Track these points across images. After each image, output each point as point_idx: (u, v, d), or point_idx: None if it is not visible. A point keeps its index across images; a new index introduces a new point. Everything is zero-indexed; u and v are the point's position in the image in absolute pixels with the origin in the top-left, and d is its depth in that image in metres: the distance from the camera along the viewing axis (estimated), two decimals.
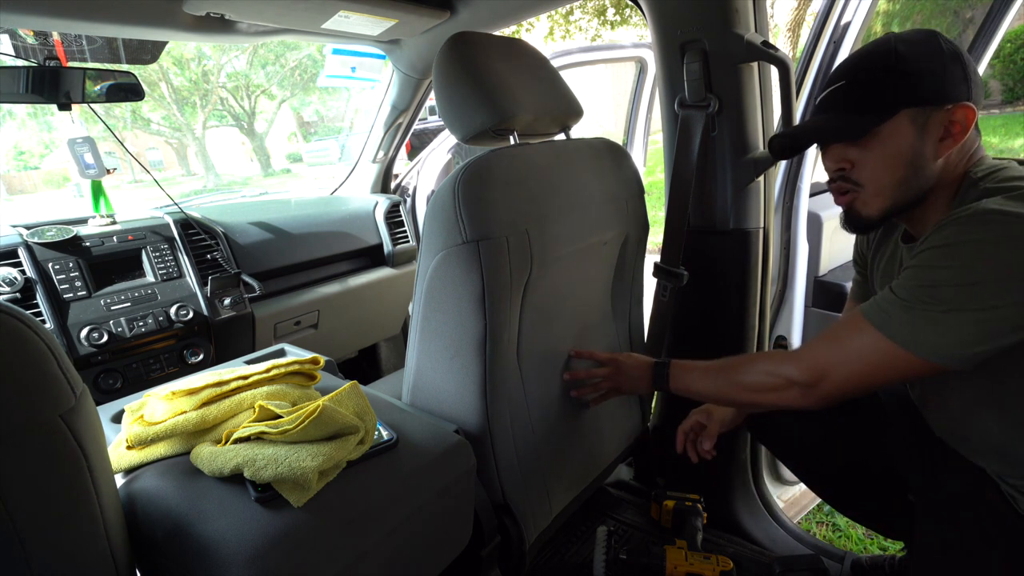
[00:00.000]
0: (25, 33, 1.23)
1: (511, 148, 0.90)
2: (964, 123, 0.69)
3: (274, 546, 0.58)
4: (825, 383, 0.74)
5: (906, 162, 0.72)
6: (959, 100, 0.69)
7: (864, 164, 0.75)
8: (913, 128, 0.70)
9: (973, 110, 0.69)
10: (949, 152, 0.71)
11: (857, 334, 0.71)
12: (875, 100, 0.71)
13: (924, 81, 0.69)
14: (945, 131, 0.70)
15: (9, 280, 1.16)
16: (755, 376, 0.82)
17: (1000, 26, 1.42)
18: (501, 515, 0.93)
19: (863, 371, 0.71)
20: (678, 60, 1.12)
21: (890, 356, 0.68)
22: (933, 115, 0.70)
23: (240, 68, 12.26)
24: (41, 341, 0.48)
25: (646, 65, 2.26)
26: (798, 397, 0.77)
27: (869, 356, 0.70)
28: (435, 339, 0.90)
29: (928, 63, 0.69)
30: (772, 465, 1.42)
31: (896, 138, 0.71)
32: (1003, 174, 0.69)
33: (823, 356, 0.75)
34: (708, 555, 1.08)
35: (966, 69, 0.69)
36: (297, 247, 1.63)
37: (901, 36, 0.72)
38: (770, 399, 0.81)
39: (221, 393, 0.74)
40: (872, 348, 0.70)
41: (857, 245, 0.98)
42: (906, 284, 0.68)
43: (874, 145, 0.73)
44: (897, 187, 0.73)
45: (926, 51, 0.69)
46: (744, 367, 0.86)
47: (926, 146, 0.71)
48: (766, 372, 0.81)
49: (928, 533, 0.82)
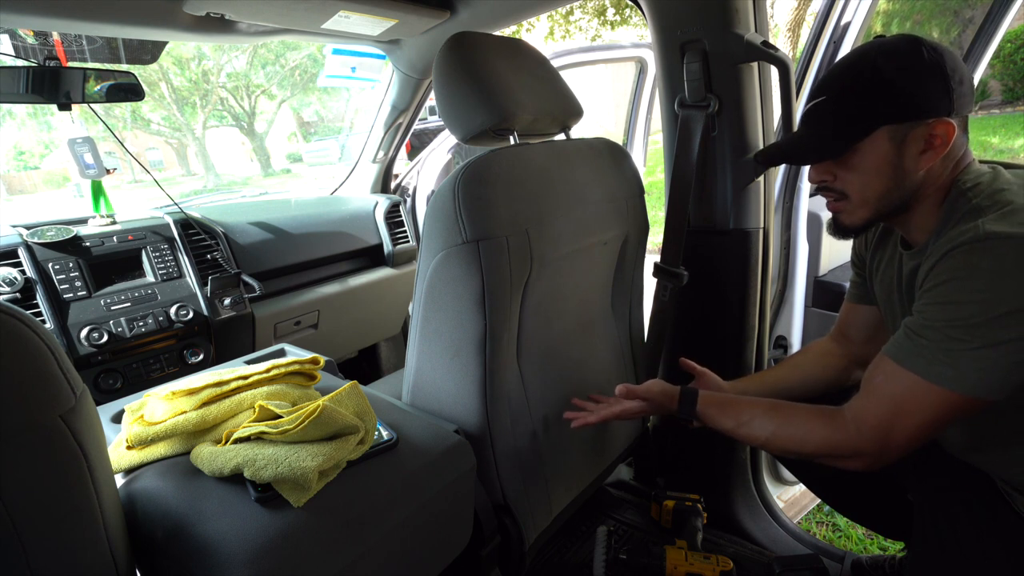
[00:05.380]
0: (25, 33, 1.23)
1: (511, 148, 0.90)
2: (944, 136, 0.69)
3: (274, 546, 0.58)
4: (891, 447, 0.71)
5: (887, 175, 0.73)
6: (938, 115, 0.68)
7: (846, 178, 0.76)
8: (892, 144, 0.71)
9: (953, 125, 0.68)
10: (931, 163, 0.71)
11: (903, 386, 0.69)
12: (853, 119, 0.72)
13: (902, 98, 0.69)
14: (926, 144, 0.70)
15: (9, 280, 1.16)
16: (813, 445, 0.77)
17: (1000, 26, 1.42)
18: (501, 515, 0.93)
19: (924, 424, 0.68)
20: (678, 60, 1.12)
21: (945, 402, 0.66)
22: (912, 130, 0.70)
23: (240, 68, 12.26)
24: (41, 341, 0.48)
25: (646, 65, 2.26)
26: (866, 465, 0.74)
27: (923, 407, 0.67)
28: (435, 339, 0.90)
29: (907, 78, 0.69)
30: (772, 465, 1.42)
31: (875, 154, 0.72)
32: (991, 186, 0.69)
33: (877, 418, 0.71)
34: (708, 555, 1.08)
35: (948, 81, 0.68)
36: (297, 247, 1.63)
37: (882, 46, 0.71)
38: (830, 464, 0.77)
39: (221, 393, 0.74)
40: (924, 399, 0.67)
41: (855, 246, 0.98)
42: (935, 324, 0.66)
43: (855, 161, 0.74)
44: (880, 199, 0.75)
45: (905, 65, 0.69)
46: (795, 431, 0.80)
47: (906, 160, 0.71)
48: (825, 440, 0.76)
49: (927, 533, 0.82)
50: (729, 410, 0.87)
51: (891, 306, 0.86)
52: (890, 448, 0.71)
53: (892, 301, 0.85)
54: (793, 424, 0.80)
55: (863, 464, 0.74)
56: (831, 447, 0.75)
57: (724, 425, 0.87)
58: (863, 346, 0.99)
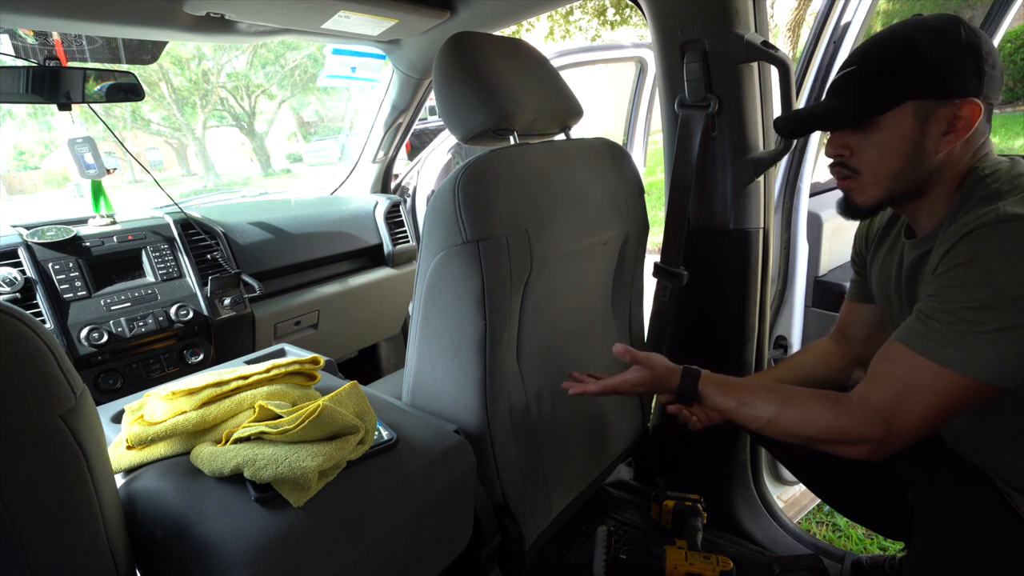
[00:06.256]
0: (25, 33, 1.23)
1: (511, 148, 0.90)
2: (969, 119, 0.67)
3: (274, 546, 0.58)
4: (897, 433, 0.68)
5: (905, 153, 0.71)
6: (967, 95, 0.66)
7: (863, 152, 0.74)
8: (916, 120, 0.69)
9: (980, 107, 0.67)
10: (952, 147, 0.70)
11: (911, 369, 0.67)
12: (881, 88, 0.70)
13: (933, 73, 0.67)
14: (949, 126, 0.68)
15: (9, 280, 1.16)
16: (816, 428, 0.75)
17: (1000, 26, 1.42)
18: (501, 515, 0.93)
19: (932, 409, 0.66)
20: (678, 60, 1.12)
21: (955, 386, 0.64)
22: (938, 109, 0.68)
23: (240, 68, 12.25)
24: (41, 341, 0.48)
25: (646, 65, 2.27)
26: (870, 453, 0.71)
27: (932, 391, 0.65)
28: (435, 339, 0.90)
29: (941, 54, 0.67)
30: (772, 465, 1.42)
31: (897, 129, 0.70)
32: (1010, 172, 0.67)
33: (883, 402, 0.69)
34: (708, 555, 1.08)
35: (982, 63, 0.66)
36: (297, 247, 1.63)
37: (922, 22, 0.69)
38: (833, 451, 0.75)
39: (221, 393, 0.74)
40: (933, 382, 0.65)
41: (856, 245, 0.98)
42: (949, 307, 0.64)
43: (874, 134, 0.72)
44: (894, 178, 0.73)
45: (943, 41, 0.67)
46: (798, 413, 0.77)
47: (927, 139, 0.70)
48: (828, 425, 0.74)
49: (926, 533, 0.82)
50: (730, 390, 0.84)
51: (888, 299, 0.86)
52: (895, 434, 0.69)
53: (889, 294, 0.85)
54: (795, 406, 0.78)
55: (867, 451, 0.71)
56: (834, 431, 0.73)
57: (725, 405, 0.84)
58: (863, 346, 0.99)
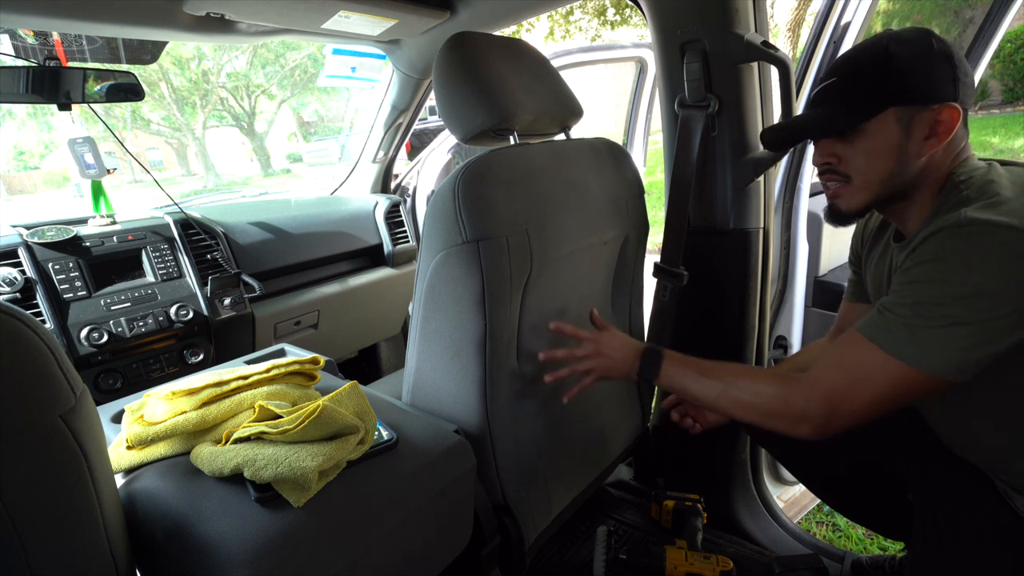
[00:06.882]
0: (25, 33, 1.23)
1: (511, 148, 0.90)
2: (949, 123, 0.71)
3: (274, 546, 0.58)
4: (839, 415, 0.72)
5: (891, 158, 0.74)
6: (945, 100, 0.70)
7: (850, 159, 0.77)
8: (898, 126, 0.72)
9: (958, 111, 0.70)
10: (934, 151, 0.72)
11: (864, 357, 0.70)
12: (863, 97, 0.73)
13: (912, 80, 0.71)
14: (930, 130, 0.72)
15: (9, 280, 1.16)
16: (763, 400, 0.78)
17: (1000, 26, 1.42)
18: (501, 515, 0.93)
19: (876, 397, 0.70)
20: (678, 60, 1.12)
21: (902, 377, 0.67)
22: (919, 114, 0.71)
23: (240, 68, 12.26)
24: (41, 341, 0.48)
25: (646, 65, 2.26)
26: (811, 431, 0.74)
27: (880, 380, 0.69)
28: (435, 339, 0.90)
29: (917, 63, 0.70)
30: (772, 465, 1.42)
31: (882, 135, 0.73)
32: (982, 178, 0.70)
33: (832, 385, 0.72)
34: (708, 555, 1.08)
35: (955, 70, 0.70)
36: (297, 247, 1.63)
37: (895, 35, 0.73)
38: (777, 427, 0.78)
39: (221, 393, 0.74)
40: (881, 371, 0.68)
41: (853, 244, 0.98)
42: (906, 301, 0.68)
43: (860, 141, 0.75)
44: (881, 183, 0.76)
45: (917, 51, 0.71)
46: (748, 385, 0.80)
47: (911, 143, 0.72)
48: (775, 397, 0.77)
49: (926, 533, 0.82)
50: (689, 368, 0.86)
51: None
52: (838, 416, 0.72)
53: (882, 295, 0.85)
54: (748, 379, 0.81)
55: (808, 430, 0.74)
56: (778, 408, 0.76)
57: (681, 383, 0.86)
58: None
